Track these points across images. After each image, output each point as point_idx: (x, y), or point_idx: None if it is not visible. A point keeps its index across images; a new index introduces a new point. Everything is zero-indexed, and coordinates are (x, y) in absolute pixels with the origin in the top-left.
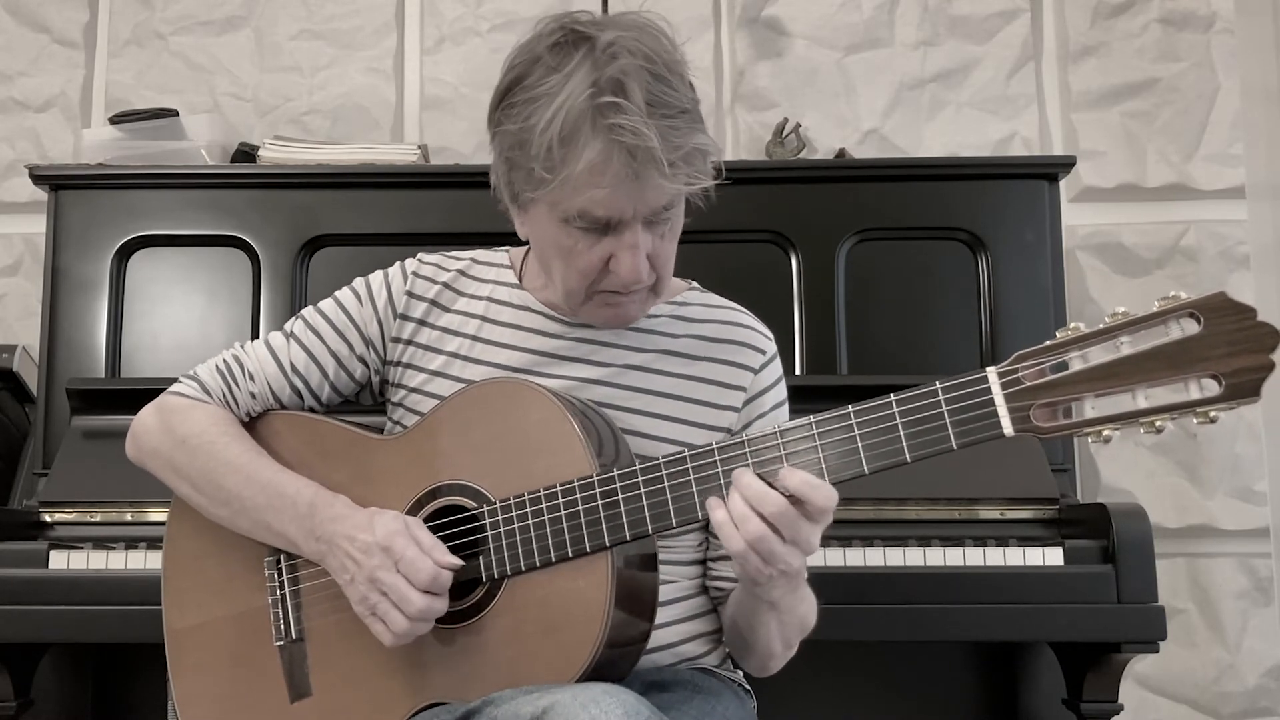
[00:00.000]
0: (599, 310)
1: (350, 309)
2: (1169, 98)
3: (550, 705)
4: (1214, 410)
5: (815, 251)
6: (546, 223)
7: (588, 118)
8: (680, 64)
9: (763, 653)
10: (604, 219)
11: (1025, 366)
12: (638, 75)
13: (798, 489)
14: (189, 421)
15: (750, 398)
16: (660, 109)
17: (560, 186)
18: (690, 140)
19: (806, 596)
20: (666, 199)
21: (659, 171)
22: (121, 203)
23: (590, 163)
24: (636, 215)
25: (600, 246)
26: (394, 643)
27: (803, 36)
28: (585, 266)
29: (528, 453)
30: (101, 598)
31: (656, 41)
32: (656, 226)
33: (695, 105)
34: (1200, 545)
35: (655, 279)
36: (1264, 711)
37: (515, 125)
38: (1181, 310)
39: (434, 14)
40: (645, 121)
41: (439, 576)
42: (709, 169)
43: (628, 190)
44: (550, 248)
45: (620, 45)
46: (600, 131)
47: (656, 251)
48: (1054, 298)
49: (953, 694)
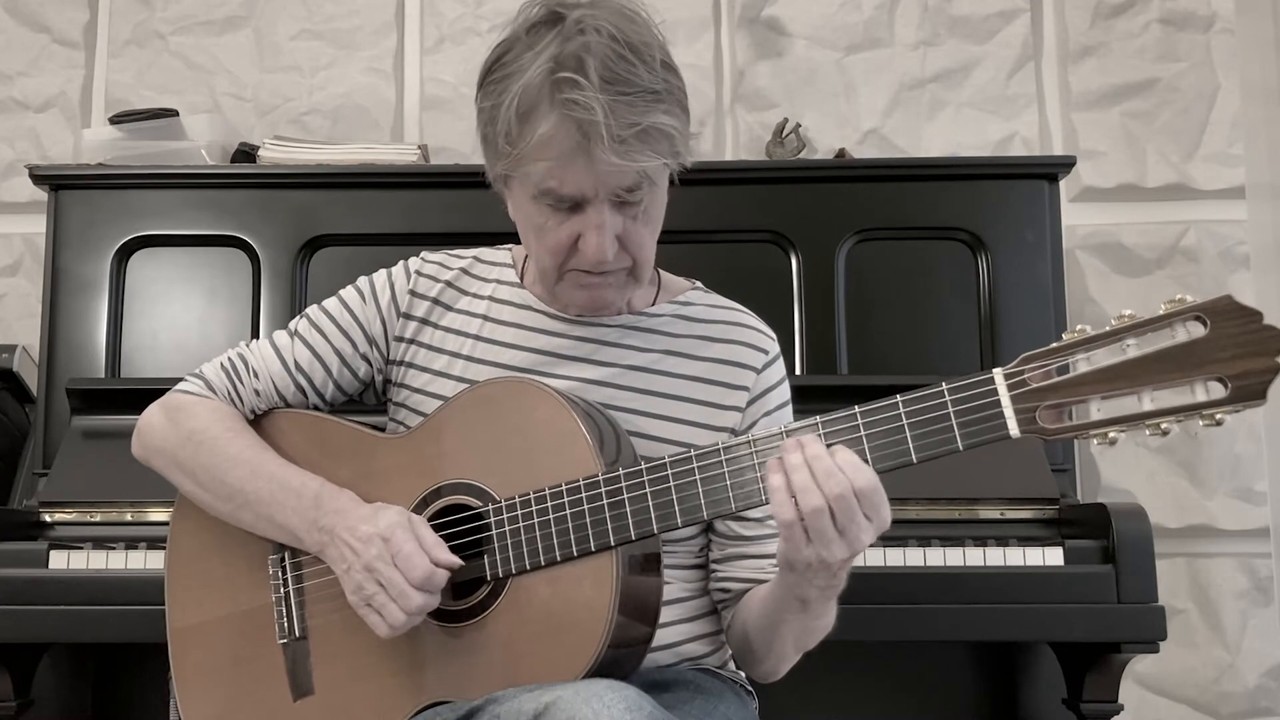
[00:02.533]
0: (573, 291)
1: (354, 307)
2: (1169, 98)
3: (553, 701)
4: (1220, 413)
5: (815, 251)
6: (522, 200)
7: (546, 93)
8: (650, 45)
9: (776, 656)
10: (568, 197)
11: (1031, 368)
12: (598, 51)
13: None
14: (194, 418)
15: (754, 398)
16: (617, 85)
17: (519, 161)
18: (647, 118)
19: (833, 609)
20: (628, 180)
21: (608, 147)
22: (121, 203)
23: (542, 135)
24: (599, 194)
25: (569, 225)
26: (387, 635)
27: (803, 36)
28: (554, 244)
29: (532, 451)
30: (101, 598)
31: (627, 21)
32: (627, 208)
33: (667, 87)
34: (1200, 545)
35: (631, 264)
36: (1264, 711)
37: (489, 103)
38: (1187, 313)
39: (434, 14)
40: (597, 97)
41: (433, 575)
42: (672, 150)
43: (582, 166)
44: (526, 225)
45: (587, 22)
46: (556, 106)
47: (628, 234)
48: (1054, 298)
49: (953, 694)
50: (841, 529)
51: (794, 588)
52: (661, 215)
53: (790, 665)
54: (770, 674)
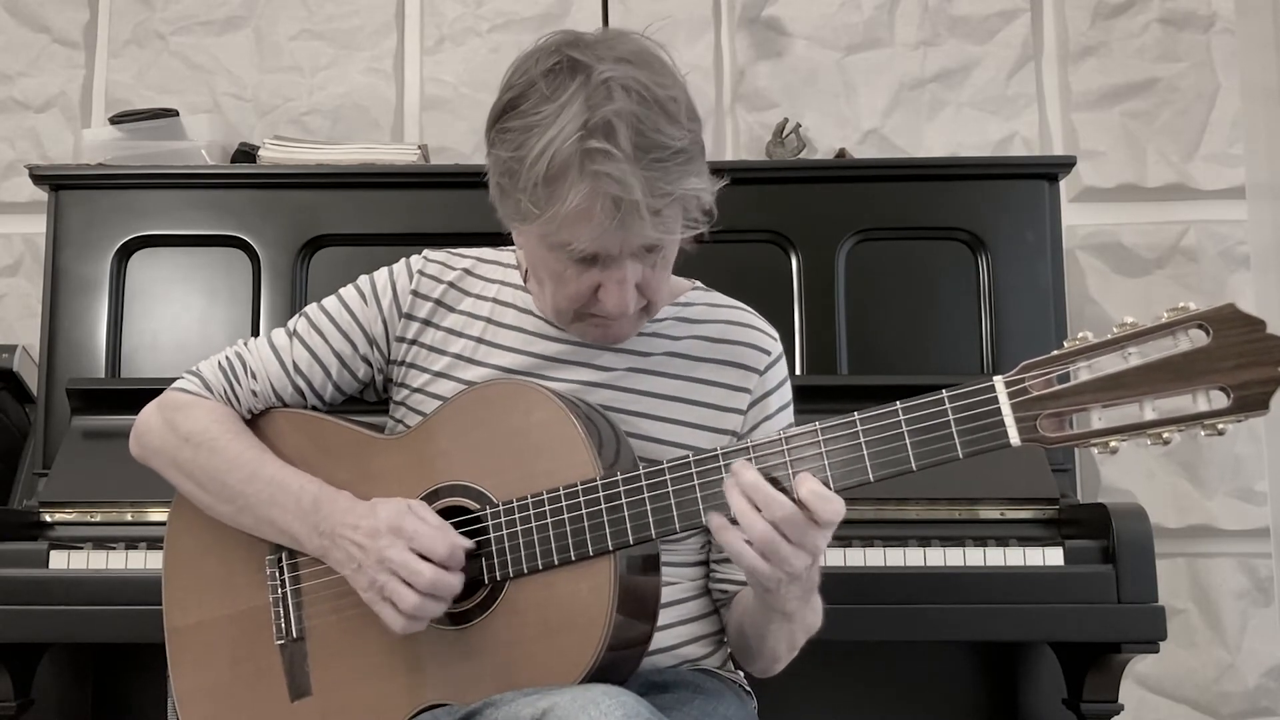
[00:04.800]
0: (588, 329)
1: (354, 308)
2: (1169, 98)
3: (550, 707)
4: (1222, 423)
5: (815, 251)
6: (537, 246)
7: (575, 161)
8: (677, 100)
9: (769, 657)
10: (592, 255)
11: (1032, 376)
12: (628, 118)
13: (806, 499)
14: (192, 419)
15: (755, 400)
16: (650, 153)
17: (546, 223)
18: (680, 185)
19: (816, 604)
20: (654, 241)
21: (643, 218)
22: (121, 203)
23: (575, 207)
24: (624, 253)
25: (588, 276)
26: (404, 626)
27: (803, 36)
28: (574, 293)
29: (530, 454)
30: (101, 598)
31: (651, 73)
32: (648, 257)
33: (692, 140)
34: (1200, 545)
35: (647, 304)
36: (1264, 711)
37: (507, 152)
38: (1190, 321)
39: (434, 14)
40: (632, 170)
41: (455, 551)
42: (701, 207)
43: (614, 235)
44: (541, 268)
45: (615, 82)
46: (587, 177)
47: (647, 281)
48: (1054, 298)
49: (953, 694)
50: (797, 543)
51: (773, 605)
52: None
53: (787, 661)
54: (766, 671)
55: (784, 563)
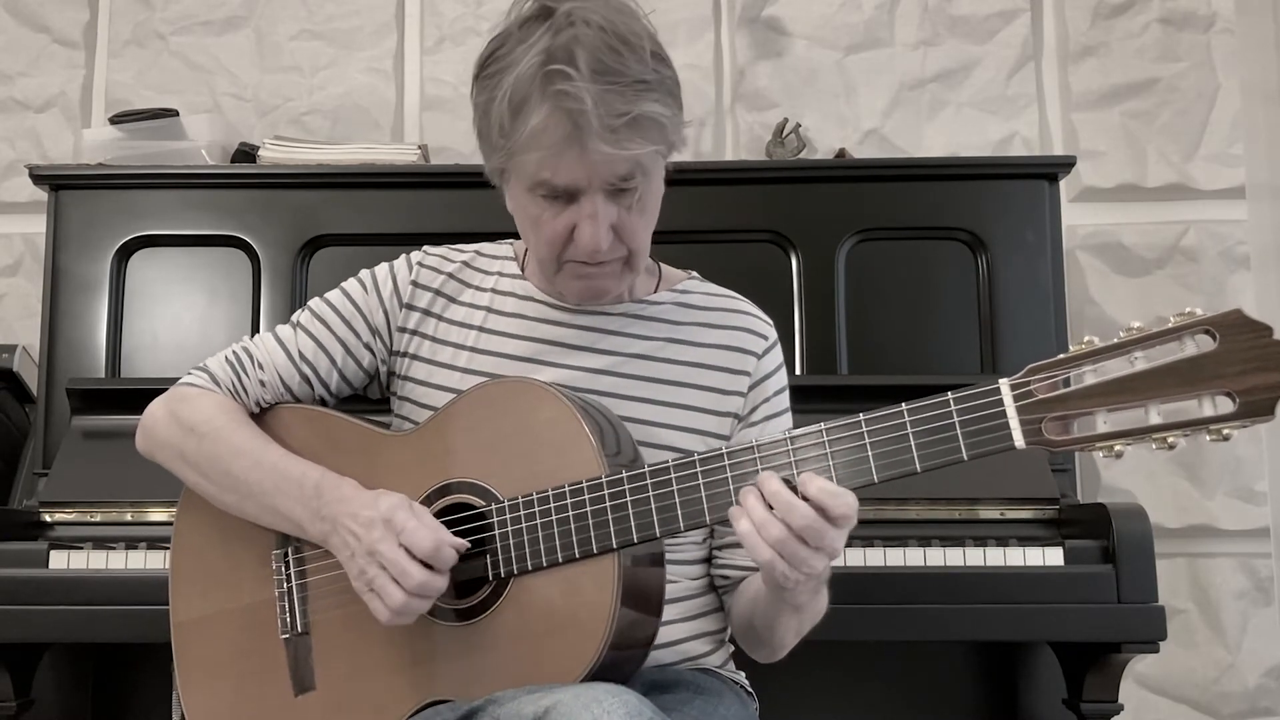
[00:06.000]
0: (572, 282)
1: (356, 298)
2: (1169, 98)
3: (553, 705)
4: (1227, 428)
5: (815, 251)
6: (518, 193)
7: (537, 84)
8: (640, 36)
9: (776, 645)
10: (562, 187)
11: (1037, 379)
12: (588, 42)
13: (816, 496)
14: (197, 410)
15: (754, 383)
16: (607, 75)
17: (512, 153)
18: (637, 107)
19: (825, 595)
20: (621, 169)
21: (599, 136)
22: (121, 203)
23: (534, 127)
24: (593, 184)
25: (564, 216)
26: (390, 620)
27: (803, 36)
28: (551, 235)
29: (536, 452)
30: (101, 598)
31: (616, 13)
32: (621, 198)
33: (657, 77)
34: (1200, 545)
35: (627, 253)
36: (1264, 711)
37: (484, 97)
38: (1196, 326)
39: (434, 14)
40: (587, 87)
41: (441, 549)
42: (664, 137)
43: (574, 156)
44: (523, 218)
45: (577, 15)
46: (547, 98)
47: (623, 224)
48: (1054, 298)
49: (953, 694)
50: (816, 546)
51: (785, 599)
52: (657, 207)
53: (790, 648)
54: (771, 658)
55: (803, 564)
